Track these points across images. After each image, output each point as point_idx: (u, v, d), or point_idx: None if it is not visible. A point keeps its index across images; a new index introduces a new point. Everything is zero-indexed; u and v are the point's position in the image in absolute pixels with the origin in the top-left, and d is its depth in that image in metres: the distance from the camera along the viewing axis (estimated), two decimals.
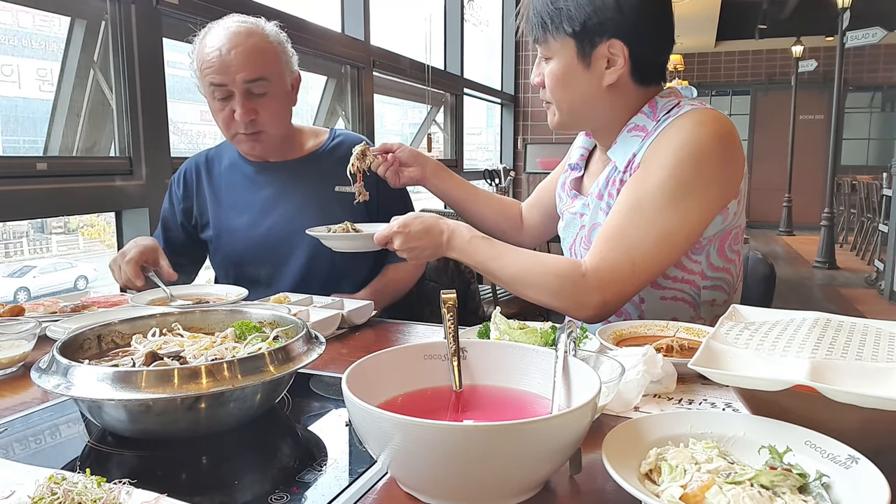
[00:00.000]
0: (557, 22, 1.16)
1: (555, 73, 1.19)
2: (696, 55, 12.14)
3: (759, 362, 0.70)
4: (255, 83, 1.43)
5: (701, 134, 1.09)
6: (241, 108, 1.43)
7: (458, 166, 5.02)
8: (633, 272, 1.09)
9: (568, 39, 1.16)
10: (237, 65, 1.41)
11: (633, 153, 1.18)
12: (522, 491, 0.60)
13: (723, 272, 1.24)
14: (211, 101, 1.48)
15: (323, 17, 3.31)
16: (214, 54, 1.41)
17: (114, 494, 0.55)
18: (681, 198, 1.08)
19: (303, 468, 0.67)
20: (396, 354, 0.74)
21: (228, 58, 1.40)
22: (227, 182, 1.64)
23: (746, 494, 0.52)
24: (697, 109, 1.14)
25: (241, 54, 1.41)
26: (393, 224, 1.19)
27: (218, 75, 1.41)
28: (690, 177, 1.08)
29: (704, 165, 1.09)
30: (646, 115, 1.20)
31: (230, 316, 0.96)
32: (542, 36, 1.19)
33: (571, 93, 1.20)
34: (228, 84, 1.42)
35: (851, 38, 7.37)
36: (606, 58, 1.15)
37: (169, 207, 1.69)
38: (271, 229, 1.57)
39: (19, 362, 1.01)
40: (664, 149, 1.11)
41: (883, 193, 6.72)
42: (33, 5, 2.08)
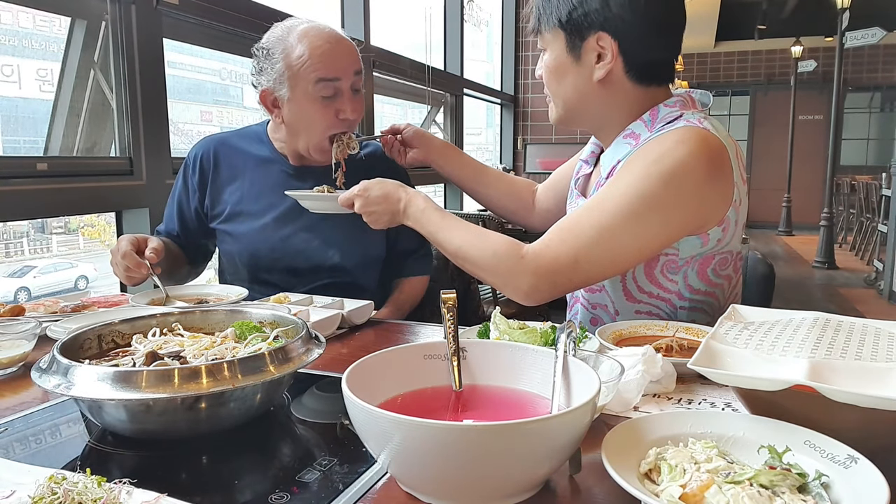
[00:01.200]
0: (548, 13, 1.18)
1: (548, 65, 1.21)
2: (696, 55, 12.14)
3: (759, 362, 0.70)
4: (359, 76, 1.44)
5: (679, 153, 1.05)
6: (350, 103, 1.42)
7: None
8: (574, 268, 1.08)
9: (558, 31, 1.17)
10: (347, 57, 1.42)
11: (618, 159, 1.16)
12: (522, 491, 0.60)
13: (705, 295, 1.20)
14: (307, 104, 1.41)
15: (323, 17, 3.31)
16: (326, 48, 1.39)
17: (114, 494, 0.55)
18: (640, 213, 1.05)
19: (303, 468, 0.67)
20: (396, 354, 0.74)
21: (339, 50, 1.41)
22: (257, 176, 1.56)
23: (746, 494, 0.52)
24: (688, 127, 1.09)
25: (348, 47, 1.43)
26: (355, 188, 1.25)
27: (331, 68, 1.39)
28: (655, 194, 1.04)
29: (673, 186, 1.04)
30: (644, 124, 1.16)
31: (230, 316, 0.96)
32: (538, 27, 1.21)
33: (564, 86, 1.20)
34: (342, 77, 1.40)
35: (851, 38, 7.38)
36: (596, 51, 1.14)
37: (183, 191, 1.61)
38: (293, 235, 1.52)
39: (20, 362, 1.01)
40: (641, 159, 1.08)
41: (882, 193, 6.72)
42: (33, 5, 2.08)
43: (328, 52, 1.39)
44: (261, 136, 1.58)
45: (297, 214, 1.51)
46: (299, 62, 1.39)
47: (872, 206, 7.72)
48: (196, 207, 1.61)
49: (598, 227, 1.06)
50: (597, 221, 1.07)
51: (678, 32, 1.18)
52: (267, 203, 1.54)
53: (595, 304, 1.27)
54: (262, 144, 1.58)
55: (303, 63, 1.39)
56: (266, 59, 1.44)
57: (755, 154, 12.18)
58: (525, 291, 1.10)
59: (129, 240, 1.38)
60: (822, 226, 7.72)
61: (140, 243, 1.37)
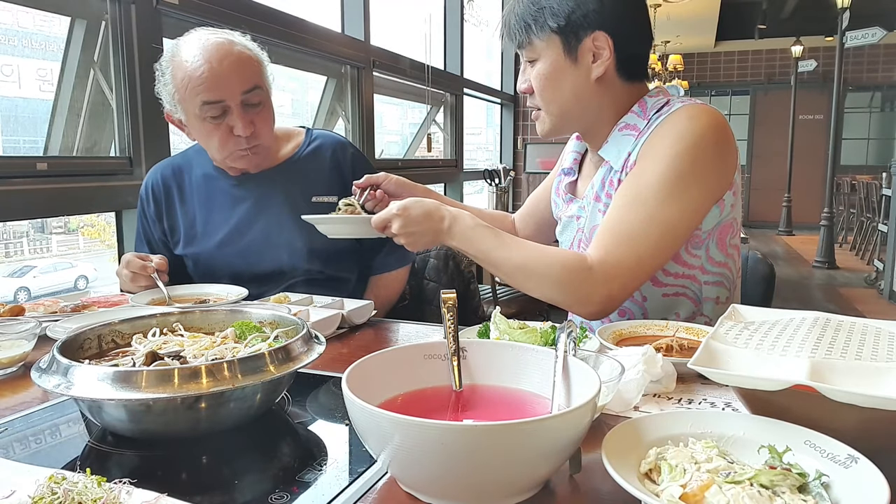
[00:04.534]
0: (542, 21, 1.17)
1: (543, 73, 1.20)
2: (696, 55, 12.14)
3: (759, 362, 0.70)
4: (251, 93, 1.37)
5: (695, 127, 1.11)
6: (242, 121, 1.36)
7: (457, 166, 5.02)
8: (639, 265, 1.09)
9: (553, 36, 1.17)
10: (231, 76, 1.34)
11: (629, 152, 1.18)
12: (522, 490, 0.60)
13: (722, 267, 1.24)
14: (199, 124, 1.39)
15: (323, 17, 3.31)
16: (204, 69, 1.33)
17: (114, 494, 0.55)
18: (680, 189, 1.09)
19: (303, 468, 0.67)
20: (396, 354, 0.74)
21: (220, 70, 1.33)
22: (203, 196, 1.55)
23: (746, 494, 0.52)
24: (689, 105, 1.15)
25: (232, 65, 1.35)
26: (392, 207, 1.15)
27: (212, 91, 1.33)
28: (688, 168, 1.10)
29: (700, 157, 1.10)
30: (636, 115, 1.21)
31: (230, 316, 0.96)
32: (527, 38, 1.20)
33: (562, 91, 1.20)
34: (226, 99, 1.35)
35: (851, 37, 7.38)
36: (592, 51, 1.17)
37: (145, 225, 1.61)
38: (250, 246, 1.50)
39: (19, 362, 1.01)
40: (660, 143, 1.12)
41: (882, 193, 6.72)
42: (33, 5, 2.08)
43: (208, 74, 1.33)
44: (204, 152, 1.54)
45: (248, 225, 1.51)
46: (182, 85, 1.35)
47: (873, 205, 7.72)
48: (160, 238, 1.60)
49: (648, 220, 1.09)
50: (644, 215, 1.09)
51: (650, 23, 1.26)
52: (218, 220, 1.53)
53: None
54: (206, 161, 1.56)
55: (186, 86, 1.35)
56: (161, 81, 1.41)
57: (755, 154, 12.18)
58: (599, 303, 1.09)
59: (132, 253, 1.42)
60: (823, 225, 7.71)
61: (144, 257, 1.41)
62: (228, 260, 1.51)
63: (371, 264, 1.63)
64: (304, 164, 1.55)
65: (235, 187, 1.53)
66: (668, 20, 9.05)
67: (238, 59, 1.37)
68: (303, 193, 1.50)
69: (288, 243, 1.50)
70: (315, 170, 1.54)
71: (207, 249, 1.52)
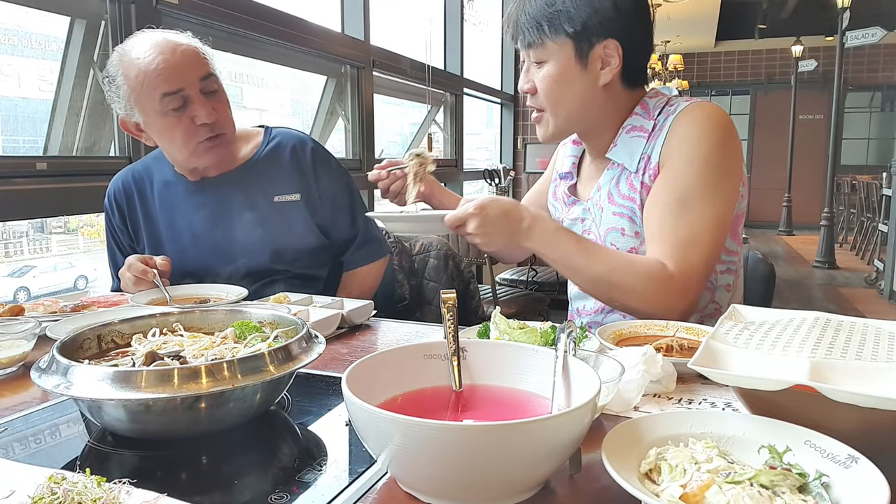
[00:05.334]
0: (557, 23, 1.17)
1: (551, 75, 1.20)
2: (696, 55, 12.14)
3: (759, 362, 0.70)
4: (208, 80, 1.38)
5: (715, 124, 1.16)
6: (204, 108, 1.36)
7: (458, 166, 5.02)
8: (707, 268, 1.14)
9: (566, 40, 1.18)
10: (187, 64, 1.35)
11: (647, 154, 1.20)
12: (522, 491, 0.60)
13: (734, 255, 1.29)
14: (160, 120, 1.38)
15: (323, 17, 3.31)
16: (158, 61, 1.33)
17: (114, 494, 0.55)
18: (719, 185, 1.14)
19: (303, 468, 0.67)
20: (396, 354, 0.74)
21: (175, 60, 1.34)
22: (163, 203, 1.55)
23: (746, 494, 0.52)
24: (696, 103, 1.19)
25: (184, 54, 1.35)
26: (468, 206, 1.10)
27: (171, 81, 1.33)
28: (720, 164, 1.14)
29: (726, 152, 1.16)
30: (640, 116, 1.23)
31: (230, 316, 0.96)
32: (539, 39, 1.19)
33: (569, 95, 1.21)
34: (186, 87, 1.34)
35: (851, 37, 7.38)
36: (601, 58, 1.19)
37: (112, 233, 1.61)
38: (214, 250, 1.50)
39: (19, 362, 1.01)
40: (685, 143, 1.15)
41: (883, 193, 6.72)
42: (33, 5, 2.08)
43: (163, 64, 1.33)
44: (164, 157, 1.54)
45: (209, 230, 1.50)
46: (138, 82, 1.35)
47: (873, 205, 7.72)
48: (128, 244, 1.60)
49: (702, 221, 1.12)
50: (698, 216, 1.12)
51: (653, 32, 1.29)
52: (180, 225, 1.53)
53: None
54: (165, 166, 1.55)
55: (142, 83, 1.34)
56: (111, 88, 1.40)
57: (755, 154, 12.19)
58: (681, 311, 1.11)
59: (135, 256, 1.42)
60: (823, 225, 7.72)
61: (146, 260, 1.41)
62: (192, 266, 1.50)
63: (342, 260, 1.62)
64: (263, 165, 1.53)
65: (195, 193, 1.52)
66: (668, 20, 9.05)
67: (188, 49, 1.38)
68: (263, 194, 1.50)
69: (250, 246, 1.49)
70: (274, 169, 1.52)
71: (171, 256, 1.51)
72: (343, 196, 1.59)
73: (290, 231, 1.50)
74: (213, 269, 1.50)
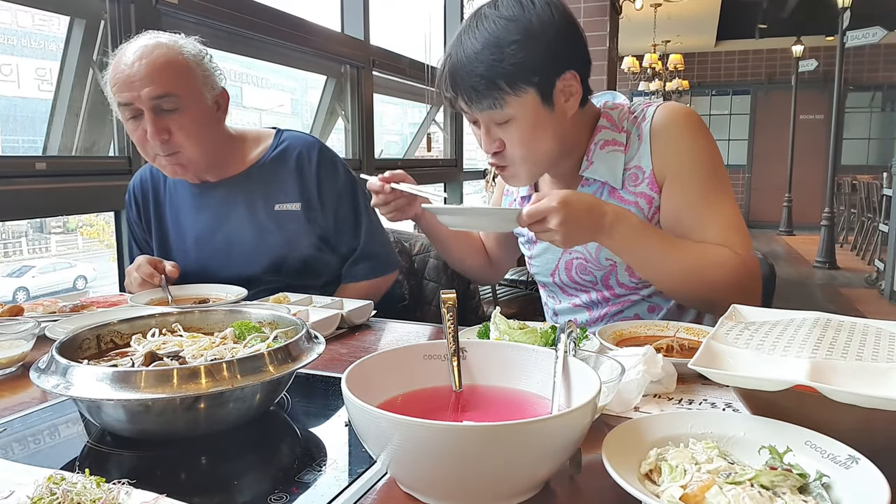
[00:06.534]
0: (515, 77, 1.08)
1: (524, 130, 1.12)
2: (696, 55, 12.14)
3: (759, 362, 0.70)
4: (162, 99, 1.32)
5: (695, 120, 1.20)
6: (152, 125, 1.32)
7: (457, 166, 5.01)
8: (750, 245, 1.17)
9: (529, 90, 1.10)
10: (141, 79, 1.30)
11: (634, 165, 1.19)
12: (522, 491, 0.60)
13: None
14: (125, 123, 1.38)
15: (323, 17, 3.31)
16: (120, 69, 1.32)
17: (113, 494, 0.55)
18: (723, 171, 1.20)
19: (303, 468, 0.67)
20: (396, 354, 0.74)
21: (132, 72, 1.31)
22: (171, 203, 1.55)
23: (746, 494, 0.52)
24: (663, 106, 1.21)
25: (145, 67, 1.31)
26: (550, 200, 1.00)
27: (124, 92, 1.31)
28: (715, 154, 1.20)
29: (713, 142, 1.21)
30: (609, 129, 1.22)
31: (230, 316, 0.96)
32: (499, 98, 1.09)
33: (543, 140, 1.15)
34: (134, 101, 1.31)
35: (851, 37, 7.37)
36: (563, 92, 1.13)
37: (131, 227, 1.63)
38: (213, 255, 1.49)
39: (18, 362, 1.01)
40: (684, 149, 1.17)
41: (883, 193, 6.72)
42: (33, 5, 2.08)
43: (122, 76, 1.32)
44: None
45: (210, 235, 1.50)
46: (110, 84, 1.36)
47: (873, 205, 7.72)
48: (143, 238, 1.62)
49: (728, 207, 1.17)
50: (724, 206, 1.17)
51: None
52: (185, 227, 1.53)
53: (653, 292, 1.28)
54: None
55: (110, 85, 1.35)
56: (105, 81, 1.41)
57: (755, 154, 12.18)
58: (756, 293, 1.14)
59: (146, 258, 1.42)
60: (823, 225, 7.71)
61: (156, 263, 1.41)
62: (193, 268, 1.51)
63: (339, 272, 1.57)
64: (268, 170, 1.51)
65: (199, 195, 1.52)
66: (668, 20, 9.05)
67: (153, 62, 1.32)
68: (265, 201, 1.48)
69: (248, 254, 1.48)
70: (279, 175, 1.50)
71: (176, 256, 1.52)
72: (346, 206, 1.53)
73: (287, 242, 1.48)
74: (213, 274, 1.50)
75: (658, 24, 9.15)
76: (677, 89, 11.09)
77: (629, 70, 10.04)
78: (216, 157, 1.48)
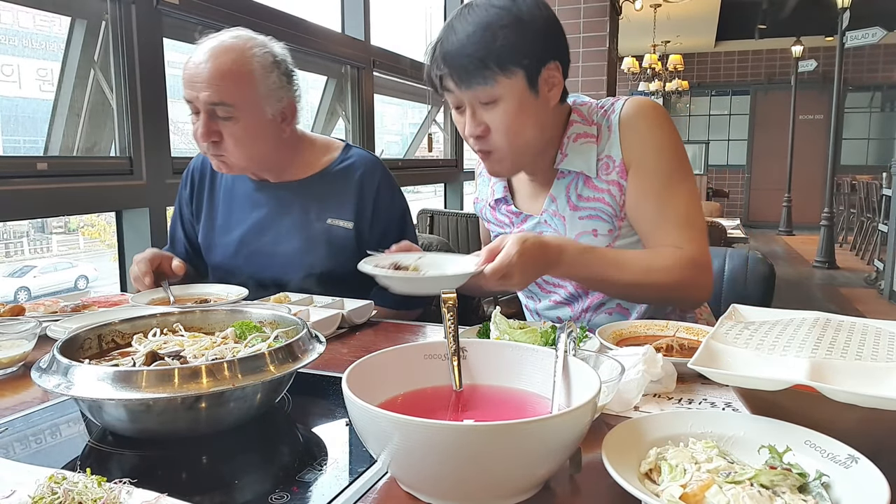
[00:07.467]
0: (506, 59, 1.11)
1: (511, 112, 1.15)
2: (696, 55, 12.14)
3: (759, 362, 0.70)
4: (217, 107, 1.33)
5: (661, 113, 1.24)
6: (203, 127, 1.35)
7: (458, 166, 5.01)
8: (706, 239, 1.20)
9: (518, 73, 1.13)
10: (202, 81, 1.32)
11: (605, 155, 1.23)
12: (522, 490, 0.60)
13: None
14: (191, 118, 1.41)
15: (323, 17, 3.31)
16: (189, 66, 1.34)
17: (114, 494, 0.55)
18: (686, 161, 1.23)
19: (303, 468, 0.67)
20: (396, 354, 0.74)
21: (198, 72, 1.32)
22: (226, 192, 1.57)
23: (746, 494, 0.52)
24: (631, 99, 1.25)
25: (208, 72, 1.31)
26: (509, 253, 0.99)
27: (186, 90, 1.34)
28: (679, 144, 1.23)
29: (676, 132, 1.24)
30: (581, 124, 1.26)
31: (230, 316, 0.96)
32: (490, 78, 1.12)
33: (528, 125, 1.17)
34: (194, 101, 1.34)
35: (851, 37, 7.38)
36: (546, 81, 1.17)
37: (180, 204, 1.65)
38: (255, 255, 1.50)
39: (20, 362, 1.01)
40: (648, 137, 1.21)
41: (882, 193, 6.72)
42: (33, 5, 2.08)
43: (190, 73, 1.33)
44: None
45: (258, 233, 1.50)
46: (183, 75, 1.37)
47: (873, 205, 7.72)
48: (189, 219, 1.63)
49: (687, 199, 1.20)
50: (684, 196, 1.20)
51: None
52: (236, 220, 1.53)
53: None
54: None
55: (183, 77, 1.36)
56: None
57: (755, 154, 12.18)
58: (707, 289, 1.17)
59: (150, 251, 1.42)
60: (823, 225, 7.72)
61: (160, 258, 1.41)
62: (235, 261, 1.52)
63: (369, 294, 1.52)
64: (328, 183, 1.51)
65: (255, 192, 1.53)
66: (668, 20, 9.04)
67: (216, 69, 1.32)
68: (318, 213, 1.48)
69: (288, 261, 1.48)
70: (338, 190, 1.50)
71: (220, 245, 1.54)
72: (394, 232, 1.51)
73: (331, 257, 1.47)
74: (248, 273, 1.50)
75: (658, 24, 9.15)
76: (677, 90, 11.08)
77: (629, 70, 10.04)
78: (273, 162, 1.48)
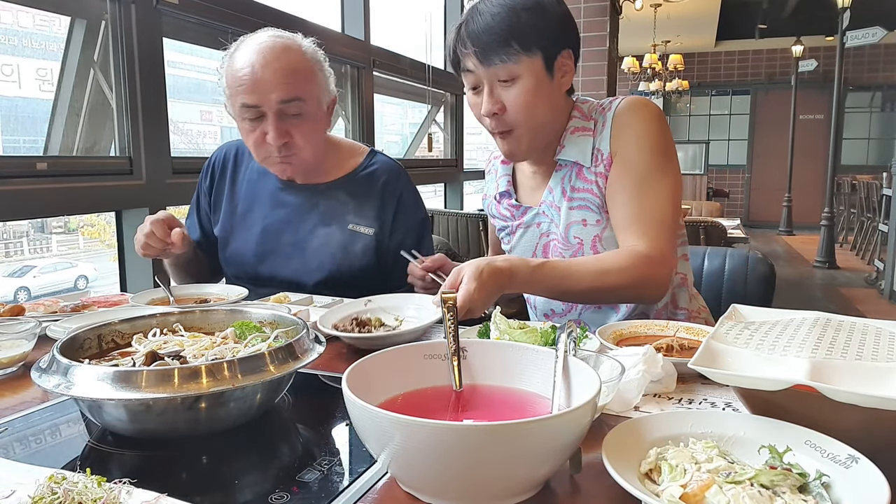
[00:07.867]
0: (527, 38, 1.17)
1: (529, 90, 1.19)
2: (696, 55, 12.14)
3: (759, 362, 0.70)
4: (289, 104, 1.33)
5: (654, 112, 1.25)
6: (274, 130, 1.33)
7: (458, 166, 5.02)
8: (674, 238, 1.22)
9: (537, 53, 1.19)
10: (271, 83, 1.31)
11: (597, 148, 1.25)
12: (522, 491, 0.60)
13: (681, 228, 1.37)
14: (240, 122, 1.39)
15: (323, 17, 3.31)
16: (246, 72, 1.31)
17: (114, 494, 0.55)
18: (668, 162, 1.23)
19: (303, 468, 0.67)
20: (396, 354, 0.74)
21: (262, 76, 1.31)
22: (250, 189, 1.56)
23: (746, 494, 0.52)
24: (630, 97, 1.27)
25: (276, 72, 1.31)
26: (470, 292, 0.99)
27: (251, 95, 1.32)
28: (665, 145, 1.23)
29: (666, 134, 1.25)
30: (579, 118, 1.30)
31: (230, 316, 0.96)
32: (512, 55, 1.16)
33: (543, 106, 1.23)
34: (262, 105, 1.32)
35: (851, 37, 7.37)
36: (560, 67, 1.23)
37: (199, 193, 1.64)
38: (272, 253, 1.50)
39: (19, 362, 1.01)
40: (633, 131, 1.22)
41: (883, 193, 6.72)
42: (33, 5, 2.08)
43: (249, 77, 1.31)
44: None
45: (278, 231, 1.50)
46: (229, 84, 1.35)
47: (873, 205, 7.72)
48: (206, 209, 1.63)
49: (662, 197, 1.20)
50: (657, 194, 1.20)
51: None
52: (256, 216, 1.53)
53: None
54: None
55: (232, 85, 1.35)
56: (220, 75, 1.41)
57: (755, 154, 12.18)
58: (666, 288, 1.18)
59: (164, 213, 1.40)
60: (823, 225, 7.72)
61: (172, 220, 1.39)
62: (248, 258, 1.52)
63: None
64: (352, 188, 1.51)
65: (280, 191, 1.53)
66: (668, 20, 9.04)
67: (283, 67, 1.33)
68: (340, 217, 1.48)
69: (306, 262, 1.49)
70: (361, 194, 1.50)
71: (236, 240, 1.53)
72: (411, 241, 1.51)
73: (349, 261, 1.47)
74: (263, 270, 1.50)
75: (658, 24, 9.14)
76: (677, 89, 11.08)
77: (629, 70, 10.03)
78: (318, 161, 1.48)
